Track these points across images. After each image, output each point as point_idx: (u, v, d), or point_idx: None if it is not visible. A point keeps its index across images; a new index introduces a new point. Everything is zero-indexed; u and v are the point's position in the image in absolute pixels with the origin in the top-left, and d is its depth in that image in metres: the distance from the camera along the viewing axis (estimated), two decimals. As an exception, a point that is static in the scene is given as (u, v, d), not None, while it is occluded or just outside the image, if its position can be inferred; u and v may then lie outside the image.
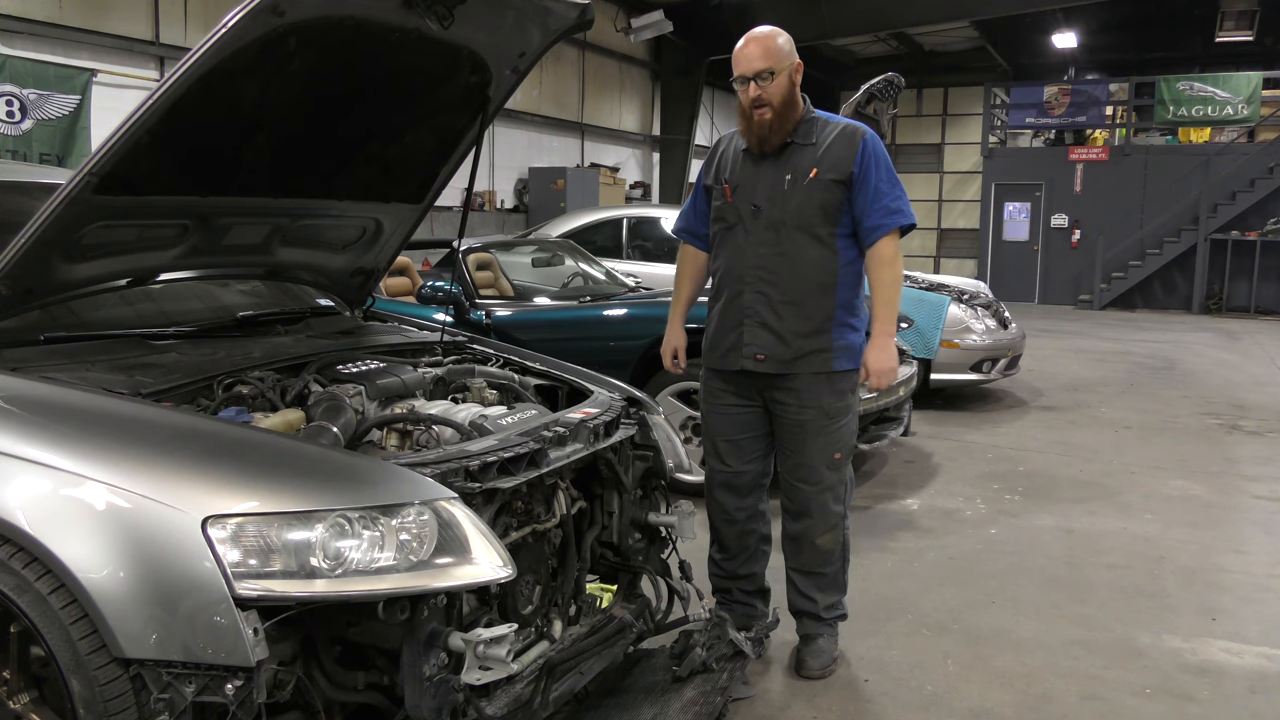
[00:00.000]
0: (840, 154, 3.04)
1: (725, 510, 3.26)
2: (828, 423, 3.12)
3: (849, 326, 3.12)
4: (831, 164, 3.04)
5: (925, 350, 7.14)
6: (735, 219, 3.13)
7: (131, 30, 9.56)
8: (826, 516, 3.18)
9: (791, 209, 3.05)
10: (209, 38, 2.12)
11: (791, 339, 3.07)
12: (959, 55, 21.75)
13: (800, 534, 3.21)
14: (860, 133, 3.07)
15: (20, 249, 2.25)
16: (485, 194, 14.39)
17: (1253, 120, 17.23)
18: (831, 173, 3.04)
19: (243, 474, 2.02)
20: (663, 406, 3.44)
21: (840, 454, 3.17)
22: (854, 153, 3.03)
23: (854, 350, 3.13)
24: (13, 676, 2.02)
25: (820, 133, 3.09)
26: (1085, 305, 17.49)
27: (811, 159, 3.06)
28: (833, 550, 3.23)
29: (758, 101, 3.00)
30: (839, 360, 3.10)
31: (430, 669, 2.05)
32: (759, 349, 3.10)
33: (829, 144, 3.06)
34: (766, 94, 2.99)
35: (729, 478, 3.24)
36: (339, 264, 3.29)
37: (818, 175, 3.04)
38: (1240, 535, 4.79)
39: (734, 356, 3.15)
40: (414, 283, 6.32)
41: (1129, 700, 3.12)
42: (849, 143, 3.05)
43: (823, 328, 3.08)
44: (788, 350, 3.08)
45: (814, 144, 3.07)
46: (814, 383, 3.09)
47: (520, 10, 2.78)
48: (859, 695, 3.11)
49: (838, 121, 3.13)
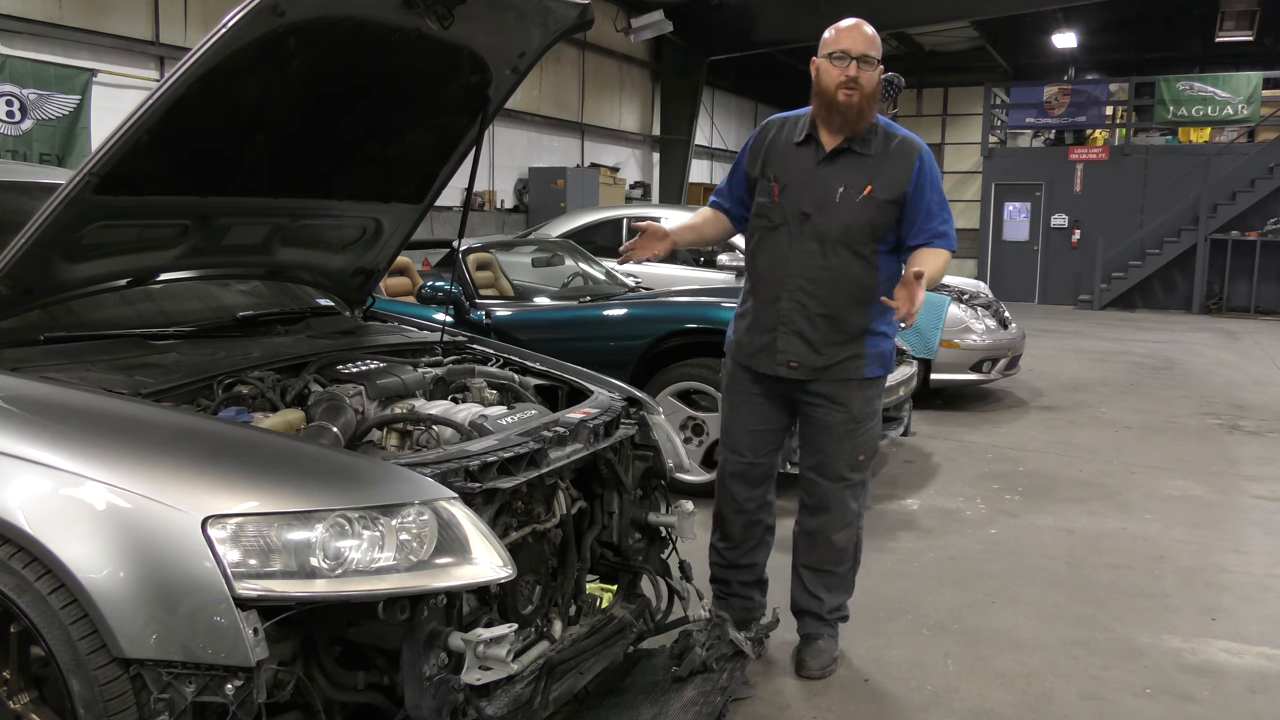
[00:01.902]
0: (896, 172, 3.01)
1: (736, 500, 3.26)
2: (855, 426, 3.13)
3: (882, 335, 3.13)
4: (886, 182, 3.00)
5: (925, 350, 7.14)
6: (780, 220, 3.08)
7: (131, 30, 9.57)
8: (844, 513, 3.19)
9: (840, 224, 3.02)
10: (209, 38, 2.12)
11: (825, 348, 3.07)
12: (959, 55, 21.77)
13: (817, 529, 3.21)
14: (917, 149, 3.04)
15: (20, 249, 2.25)
16: (485, 194, 14.39)
17: (1253, 120, 17.23)
18: (885, 191, 3.00)
19: (243, 474, 2.02)
20: (663, 406, 3.44)
21: (864, 456, 3.18)
22: (909, 172, 3.01)
23: (885, 357, 3.14)
24: (13, 676, 2.02)
25: (879, 144, 3.04)
26: (1085, 305, 17.49)
27: (867, 174, 3.01)
28: (846, 549, 3.23)
29: (851, 83, 2.94)
30: (871, 367, 3.11)
31: (430, 669, 2.05)
32: (792, 357, 3.09)
33: (885, 159, 3.02)
34: (864, 78, 2.96)
35: (744, 469, 3.24)
36: (339, 264, 3.29)
37: (872, 193, 3.00)
38: (1240, 535, 4.79)
39: (764, 359, 3.14)
40: (414, 283, 6.32)
41: (1129, 700, 3.12)
42: (905, 160, 3.02)
43: (856, 337, 3.08)
44: (820, 358, 3.08)
45: (871, 156, 3.03)
46: (845, 388, 3.10)
47: (520, 10, 2.78)
48: (859, 695, 3.11)
49: (897, 133, 3.08)
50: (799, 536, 3.27)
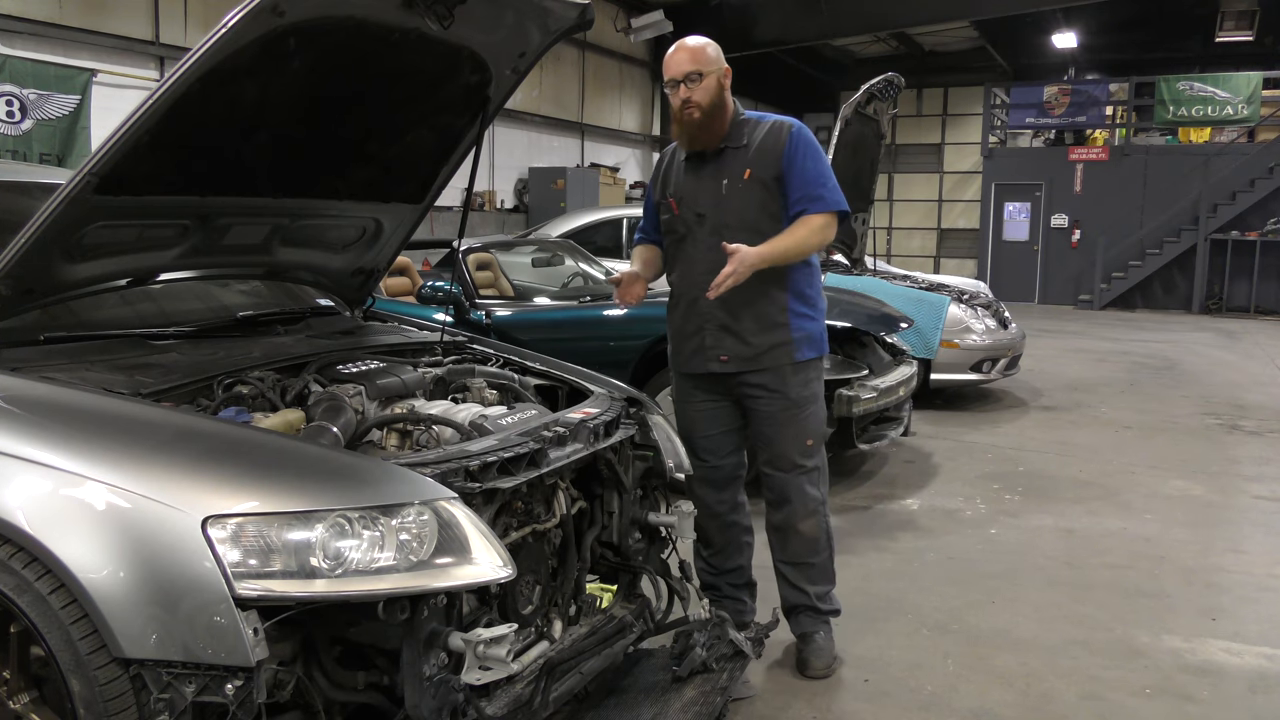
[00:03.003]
0: (769, 150, 3.13)
1: (707, 505, 3.31)
2: (797, 411, 3.21)
3: (805, 316, 3.21)
4: (762, 163, 3.12)
5: (925, 350, 7.14)
6: (684, 229, 3.22)
7: (131, 30, 9.56)
8: (805, 501, 3.24)
9: (732, 212, 3.14)
10: (209, 38, 2.12)
11: (751, 337, 3.16)
12: (959, 55, 21.73)
13: (783, 522, 3.28)
14: (787, 126, 3.16)
15: (20, 249, 2.25)
16: (485, 194, 14.39)
17: (1253, 120, 17.23)
18: (764, 171, 3.12)
19: (243, 474, 2.02)
20: (663, 406, 3.44)
21: (812, 440, 3.25)
22: (781, 146, 3.12)
23: (814, 339, 3.23)
24: (13, 676, 2.02)
25: (751, 134, 3.16)
26: (1085, 305, 17.49)
27: (744, 160, 3.14)
28: (817, 538, 3.28)
29: (687, 103, 3.09)
30: (801, 350, 3.19)
31: (430, 669, 2.05)
32: (722, 351, 3.18)
33: (759, 143, 3.14)
34: (695, 95, 3.08)
35: (707, 473, 3.31)
36: (339, 264, 3.29)
37: (751, 175, 3.12)
38: (1240, 535, 4.79)
39: (699, 359, 3.24)
40: (414, 283, 6.32)
41: (1129, 700, 3.12)
42: (776, 138, 3.14)
43: (779, 321, 3.16)
44: (749, 349, 3.16)
45: (745, 145, 3.15)
46: (779, 375, 3.18)
47: (520, 10, 2.78)
48: (859, 695, 3.11)
49: (767, 120, 3.21)
50: (771, 534, 3.34)
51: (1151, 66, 19.18)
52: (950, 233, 22.68)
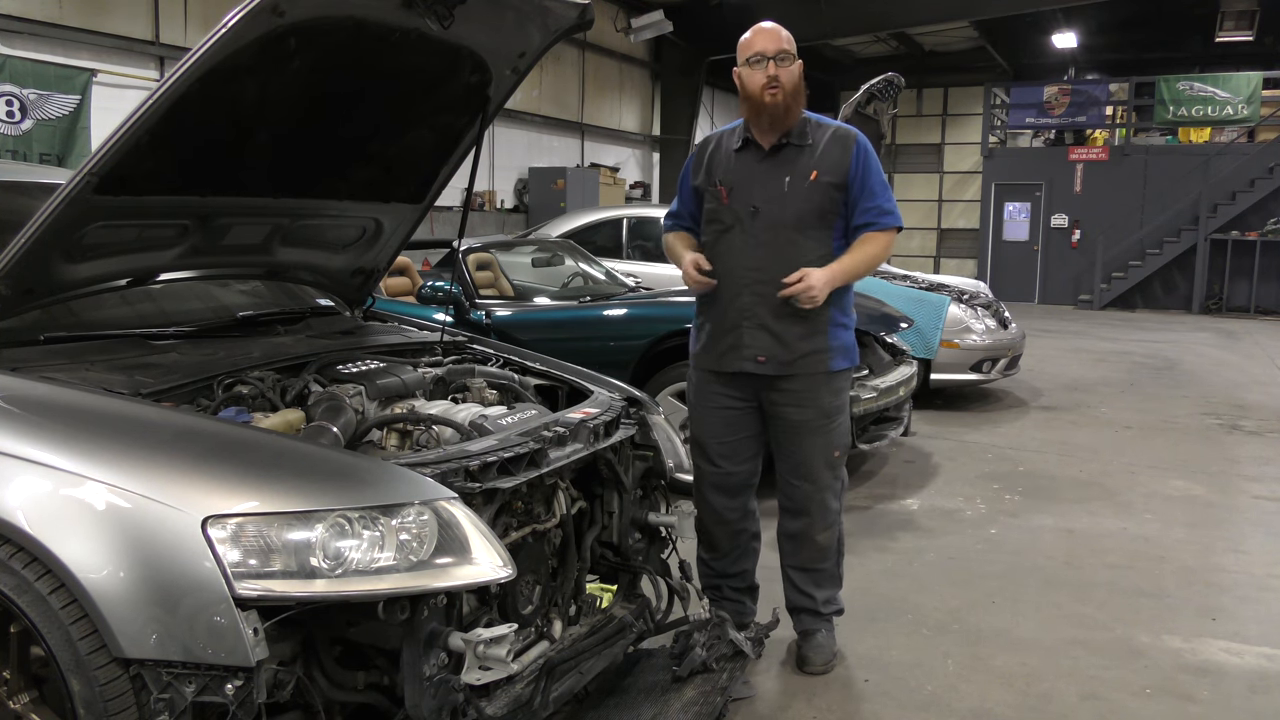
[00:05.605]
0: (836, 157, 3.08)
1: (716, 511, 3.25)
2: (826, 422, 3.15)
3: (843, 325, 3.17)
4: (829, 166, 3.07)
5: (925, 350, 7.14)
6: (733, 220, 3.12)
7: (131, 30, 9.56)
8: (825, 514, 3.20)
9: (791, 211, 3.07)
10: (209, 38, 2.12)
11: (790, 341, 3.09)
12: (959, 55, 21.73)
13: (799, 532, 3.22)
14: (853, 136, 3.12)
15: (20, 249, 2.25)
16: (485, 194, 14.38)
17: (1253, 120, 17.23)
18: (830, 175, 3.06)
19: (243, 474, 2.02)
20: (663, 406, 3.44)
21: (839, 452, 3.21)
22: (849, 156, 3.07)
23: (848, 349, 3.18)
24: (13, 676, 2.02)
25: (814, 134, 3.12)
26: (1085, 305, 17.49)
27: (809, 160, 3.08)
28: (830, 546, 3.26)
29: (774, 82, 3.01)
30: (836, 360, 3.14)
31: (430, 669, 2.05)
32: (759, 351, 3.10)
33: (824, 147, 3.09)
34: (784, 75, 3.02)
35: (721, 479, 3.24)
36: (339, 264, 3.29)
37: (818, 178, 3.06)
38: (1240, 535, 4.79)
39: (733, 358, 3.15)
40: (414, 283, 6.32)
41: (1129, 700, 3.12)
42: (843, 146, 3.09)
43: (819, 329, 3.10)
44: (787, 352, 3.09)
45: (810, 145, 3.10)
46: (813, 383, 3.12)
47: (520, 10, 2.78)
48: (859, 695, 3.11)
49: (829, 124, 3.17)
50: (783, 540, 3.29)
51: (1151, 66, 19.19)
52: (950, 233, 22.68)
